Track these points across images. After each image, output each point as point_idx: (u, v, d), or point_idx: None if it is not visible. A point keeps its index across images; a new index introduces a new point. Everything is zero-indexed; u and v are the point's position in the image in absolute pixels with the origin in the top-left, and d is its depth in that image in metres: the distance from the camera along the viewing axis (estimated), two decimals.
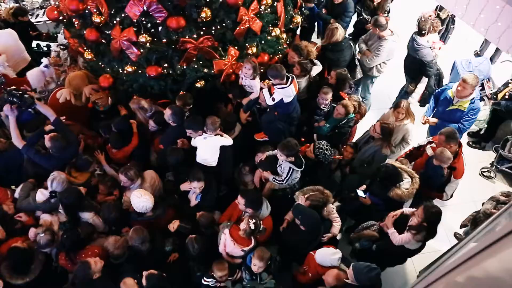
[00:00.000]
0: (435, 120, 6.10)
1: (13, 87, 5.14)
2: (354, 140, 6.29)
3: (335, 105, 5.78)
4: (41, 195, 4.79)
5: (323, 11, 7.70)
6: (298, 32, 7.30)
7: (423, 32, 6.65)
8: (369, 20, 7.54)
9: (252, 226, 4.35)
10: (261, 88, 5.51)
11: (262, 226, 4.46)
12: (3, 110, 5.01)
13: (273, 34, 5.92)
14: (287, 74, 5.24)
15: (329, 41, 6.45)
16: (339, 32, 6.34)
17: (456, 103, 5.85)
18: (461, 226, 5.79)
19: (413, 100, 7.63)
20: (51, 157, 5.00)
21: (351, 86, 6.19)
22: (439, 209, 4.51)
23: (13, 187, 5.23)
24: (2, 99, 5.05)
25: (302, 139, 5.67)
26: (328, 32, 6.44)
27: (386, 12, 7.90)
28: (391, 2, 8.42)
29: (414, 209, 4.78)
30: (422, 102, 7.49)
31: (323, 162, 5.21)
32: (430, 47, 6.78)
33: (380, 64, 6.87)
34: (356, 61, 6.89)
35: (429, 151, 5.43)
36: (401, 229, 4.61)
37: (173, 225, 4.66)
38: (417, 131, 6.13)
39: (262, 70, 5.81)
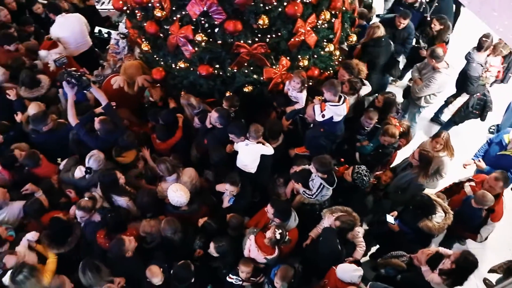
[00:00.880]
0: (483, 165, 5.79)
1: (73, 68, 5.45)
2: (393, 164, 6.17)
3: (379, 126, 5.72)
4: (79, 171, 5.02)
5: None
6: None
7: (481, 48, 6.60)
8: (425, 47, 7.41)
9: (278, 236, 4.36)
10: (310, 102, 5.51)
11: (287, 237, 4.46)
12: (63, 87, 5.31)
13: (326, 49, 5.94)
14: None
15: (370, 37, 6.68)
16: (380, 30, 6.64)
17: (510, 149, 5.64)
18: (490, 271, 5.55)
19: (448, 111, 7.44)
20: (98, 138, 5.25)
21: (397, 110, 6.11)
22: (476, 259, 4.30)
23: (58, 160, 5.50)
24: (61, 78, 5.35)
25: (342, 159, 5.63)
26: (370, 30, 6.73)
27: (445, 43, 7.73)
28: (451, 32, 8.24)
29: (451, 251, 4.63)
30: (457, 118, 7.28)
31: (359, 186, 5.15)
32: (482, 65, 6.63)
33: (429, 95, 6.73)
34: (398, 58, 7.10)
35: (467, 189, 5.27)
36: (432, 265, 4.48)
37: (201, 220, 4.75)
38: (456, 166, 5.91)
39: (310, 83, 5.83)
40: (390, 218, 5.05)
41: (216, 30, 5.30)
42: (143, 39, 5.91)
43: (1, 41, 6.49)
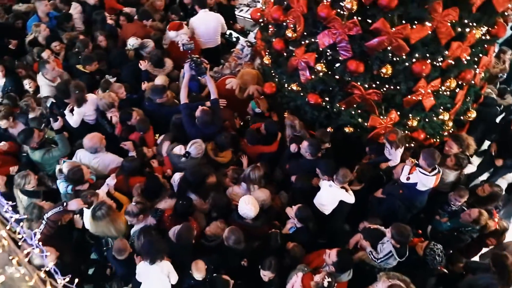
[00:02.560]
0: None
1: (197, 55, 5.97)
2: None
3: (465, 208, 5.33)
4: (179, 149, 5.36)
5: None
6: None
7: None
8: None
9: (326, 284, 4.15)
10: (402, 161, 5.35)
11: None
12: (184, 67, 5.88)
13: (440, 117, 5.72)
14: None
15: None
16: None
17: None
18: None
19: None
20: (194, 125, 5.58)
21: (497, 206, 5.64)
22: None
23: (156, 136, 5.96)
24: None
25: (419, 231, 5.36)
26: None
27: None
28: None
29: None
30: None
31: (427, 264, 4.83)
32: None
33: None
34: None
35: None
36: None
37: (291, 244, 4.74)
38: None
39: (412, 145, 5.64)
40: None
41: (338, 65, 5.36)
42: (267, 53, 6.18)
43: (141, 16, 7.44)
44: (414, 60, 5.08)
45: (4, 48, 7.62)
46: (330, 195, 5.06)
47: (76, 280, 2.47)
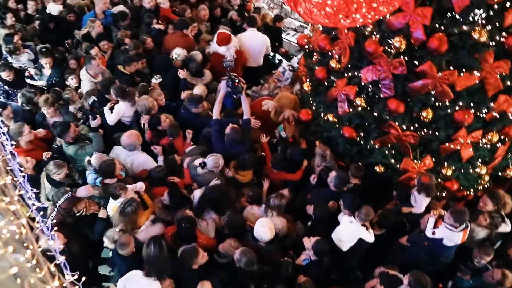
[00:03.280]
0: None
1: (235, 74, 6.01)
2: None
3: (490, 266, 5.05)
4: (199, 160, 5.35)
5: None
6: None
7: None
8: None
9: None
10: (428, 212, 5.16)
11: None
12: (221, 82, 5.93)
13: (477, 169, 5.50)
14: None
15: None
16: None
17: None
18: None
19: None
20: (222, 142, 5.57)
21: None
22: None
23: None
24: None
25: (440, 285, 5.12)
26: None
27: None
28: None
29: None
30: None
31: None
32: None
33: None
34: None
35: None
36: None
37: (303, 278, 4.61)
38: None
39: (444, 194, 5.45)
40: None
41: (378, 102, 5.28)
42: (308, 80, 6.16)
43: (178, 26, 7.55)
44: (457, 108, 4.94)
45: (55, 40, 7.95)
46: (350, 231, 4.93)
47: (84, 278, 2.48)
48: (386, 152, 5.41)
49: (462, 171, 5.50)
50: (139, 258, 4.35)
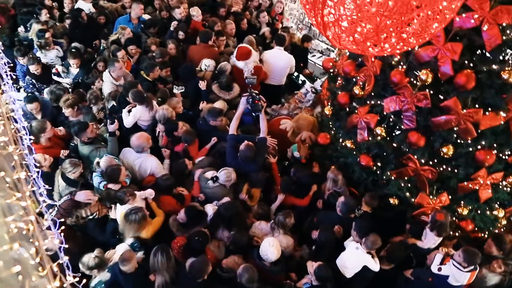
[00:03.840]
0: None
1: (257, 91, 5.97)
2: None
3: None
4: (211, 173, 5.34)
5: None
6: None
7: None
8: None
9: None
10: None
11: None
12: (242, 98, 5.89)
13: (494, 212, 5.35)
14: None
15: None
16: None
17: None
18: None
19: None
20: (236, 159, 5.52)
21: None
22: None
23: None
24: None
25: None
26: None
27: None
28: None
29: None
30: None
31: None
32: None
33: None
34: None
35: None
36: None
37: None
38: None
39: (457, 234, 5.31)
40: None
41: (398, 133, 5.22)
42: (330, 104, 6.13)
43: (203, 38, 7.59)
44: (479, 147, 4.85)
45: (83, 41, 8.15)
46: (355, 258, 4.83)
47: (84, 281, 2.46)
48: (402, 184, 5.31)
49: (479, 212, 5.35)
50: (143, 274, 4.33)
